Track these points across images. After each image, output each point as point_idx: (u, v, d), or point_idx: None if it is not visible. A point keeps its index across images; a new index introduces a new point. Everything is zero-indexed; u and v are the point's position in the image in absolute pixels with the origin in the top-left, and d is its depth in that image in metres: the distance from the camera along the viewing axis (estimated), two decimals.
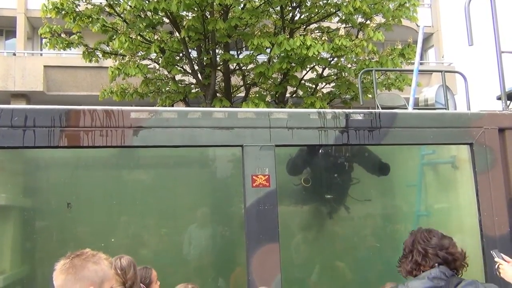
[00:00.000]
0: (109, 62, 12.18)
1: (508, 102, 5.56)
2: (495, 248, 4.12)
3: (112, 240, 4.20)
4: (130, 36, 10.44)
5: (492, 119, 4.62)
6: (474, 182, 4.48)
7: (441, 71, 6.30)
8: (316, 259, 4.72)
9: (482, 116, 4.62)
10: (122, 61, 11.20)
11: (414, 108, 5.76)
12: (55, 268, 2.15)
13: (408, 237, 2.67)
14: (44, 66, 16.12)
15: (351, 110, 4.35)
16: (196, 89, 11.77)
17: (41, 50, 17.91)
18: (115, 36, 10.77)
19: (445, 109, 5.83)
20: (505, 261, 2.66)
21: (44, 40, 12.20)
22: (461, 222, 4.84)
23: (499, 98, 5.43)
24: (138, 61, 11.06)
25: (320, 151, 4.78)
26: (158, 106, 11.39)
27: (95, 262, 2.15)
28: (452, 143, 4.64)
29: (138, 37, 10.83)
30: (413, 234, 2.57)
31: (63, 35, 11.23)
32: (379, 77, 11.65)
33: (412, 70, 6.28)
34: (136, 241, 4.33)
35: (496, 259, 2.74)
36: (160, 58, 11.31)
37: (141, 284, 3.40)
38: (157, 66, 11.78)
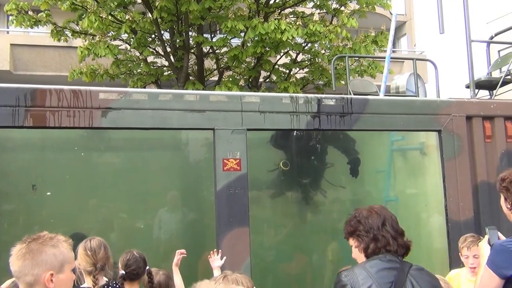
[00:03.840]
0: (78, 42, 11.87)
1: (476, 90, 5.67)
2: (459, 232, 4.24)
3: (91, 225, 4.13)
4: (101, 15, 10.17)
5: (460, 107, 4.71)
6: (441, 168, 4.58)
7: (412, 59, 6.39)
8: (285, 243, 4.76)
9: (451, 103, 4.71)
10: (92, 41, 10.93)
11: (385, 95, 5.83)
12: (11, 253, 2.05)
13: (370, 213, 2.48)
14: (11, 45, 15.58)
15: (323, 96, 4.37)
16: (169, 72, 11.60)
17: (7, 27, 17.31)
18: (84, 15, 10.47)
19: (416, 96, 5.91)
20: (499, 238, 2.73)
21: (10, 17, 11.78)
22: (428, 207, 4.95)
23: (467, 87, 5.53)
24: (109, 41, 10.81)
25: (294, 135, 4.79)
26: (129, 88, 11.18)
27: (53, 245, 2.04)
28: (421, 130, 4.72)
29: (109, 17, 10.57)
30: (381, 215, 2.44)
31: (30, 13, 10.85)
32: (352, 64, 11.72)
33: (385, 58, 6.33)
34: (104, 224, 4.27)
35: (486, 236, 2.81)
36: (131, 39, 11.07)
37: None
38: (129, 47, 11.54)
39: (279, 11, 11.19)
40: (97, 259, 3.12)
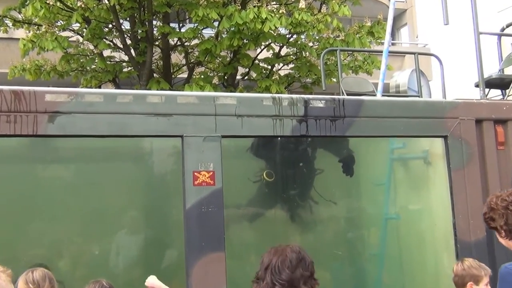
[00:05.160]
0: (21, 33, 11.74)
1: (487, 90, 5.77)
2: (469, 255, 4.30)
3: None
4: (47, 1, 10.10)
5: (469, 109, 4.80)
6: (448, 180, 4.65)
7: (414, 53, 6.47)
8: None
9: (458, 105, 4.79)
10: (37, 32, 10.82)
11: (383, 95, 5.90)
12: None
13: (265, 254, 2.71)
14: None
15: (310, 96, 4.41)
16: (129, 68, 11.55)
17: None
18: (28, 1, 10.39)
19: (418, 96, 6.00)
20: None
21: None
22: (433, 226, 5.01)
23: (477, 86, 5.64)
24: (57, 32, 10.72)
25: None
26: (81, 88, 11.10)
27: None
28: (425, 136, 4.79)
29: (57, 4, 10.49)
30: (268, 259, 2.66)
31: None
32: (344, 58, 11.84)
33: (382, 51, 6.41)
34: (52, 250, 4.22)
35: None
36: (84, 30, 11.01)
37: None
38: (81, 39, 11.47)
39: None
40: None
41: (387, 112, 4.54)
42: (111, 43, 11.38)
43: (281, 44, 11.61)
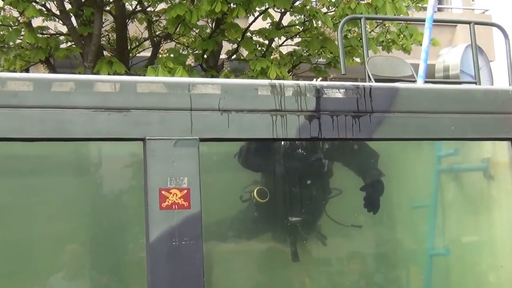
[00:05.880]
0: None
1: None
2: None
3: None
4: None
5: None
6: None
7: (469, 23, 6.51)
8: None
9: None
10: None
11: (426, 81, 5.92)
12: None
13: None
14: None
15: (324, 83, 4.42)
16: (68, 44, 11.57)
17: None
18: None
19: (475, 83, 6.02)
20: None
21: None
22: (497, 265, 5.03)
23: None
24: None
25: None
26: (1, 71, 11.10)
27: None
28: (485, 138, 4.81)
29: None
30: None
31: None
32: (371, 30, 11.89)
33: (424, 20, 6.44)
34: None
35: None
36: None
37: None
38: (1, 3, 11.48)
39: None
40: None
41: (431, 105, 4.56)
42: (44, 9, 11.39)
43: (282, 10, 11.65)
